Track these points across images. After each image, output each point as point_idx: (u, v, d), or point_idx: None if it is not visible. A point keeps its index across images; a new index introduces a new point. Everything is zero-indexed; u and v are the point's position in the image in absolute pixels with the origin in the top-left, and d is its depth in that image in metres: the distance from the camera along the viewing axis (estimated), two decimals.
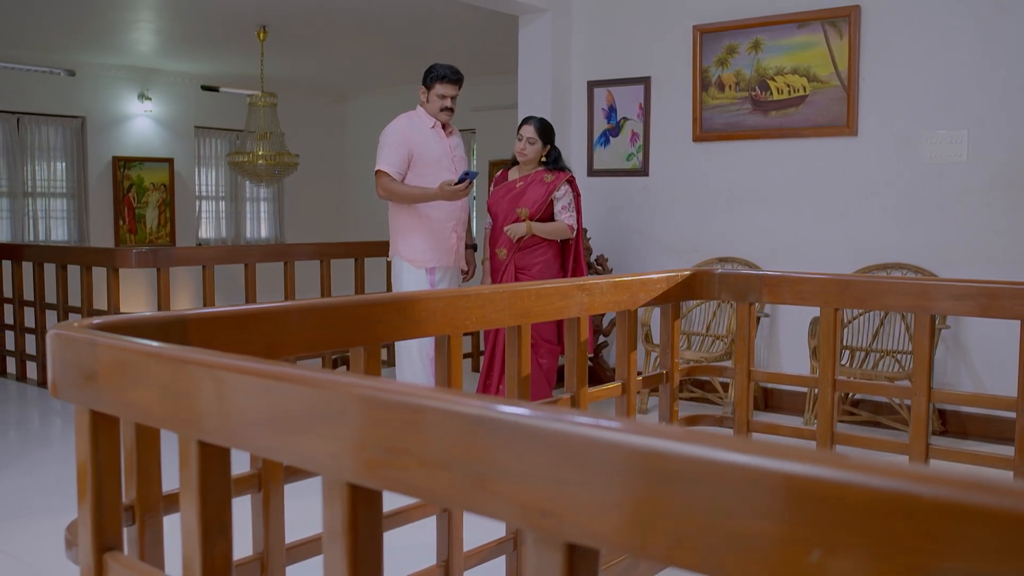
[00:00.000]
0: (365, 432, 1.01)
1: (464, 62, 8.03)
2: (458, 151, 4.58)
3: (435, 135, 4.44)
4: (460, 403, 0.93)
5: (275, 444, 1.14)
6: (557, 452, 0.85)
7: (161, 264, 5.26)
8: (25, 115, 8.99)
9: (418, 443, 0.97)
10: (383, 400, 1.00)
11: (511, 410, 0.89)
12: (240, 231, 10.97)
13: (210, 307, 3.18)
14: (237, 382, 1.19)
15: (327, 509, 1.07)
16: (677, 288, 3.18)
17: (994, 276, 4.45)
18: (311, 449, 1.08)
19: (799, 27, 5.01)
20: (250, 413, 1.18)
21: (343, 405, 1.03)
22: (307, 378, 1.08)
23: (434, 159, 4.38)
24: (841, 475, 0.72)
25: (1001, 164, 4.51)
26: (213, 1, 6.87)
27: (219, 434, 1.23)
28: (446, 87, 4.40)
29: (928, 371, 2.87)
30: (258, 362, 1.19)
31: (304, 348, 2.01)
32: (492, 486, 0.89)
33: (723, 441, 0.80)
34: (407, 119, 4.44)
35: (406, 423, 0.97)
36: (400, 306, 2.20)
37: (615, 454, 0.82)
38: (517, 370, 2.55)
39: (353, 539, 1.05)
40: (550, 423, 0.86)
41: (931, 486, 0.66)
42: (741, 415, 3.25)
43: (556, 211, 4.55)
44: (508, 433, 0.88)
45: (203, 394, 1.23)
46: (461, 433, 0.92)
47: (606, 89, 5.81)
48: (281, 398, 1.10)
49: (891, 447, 3.02)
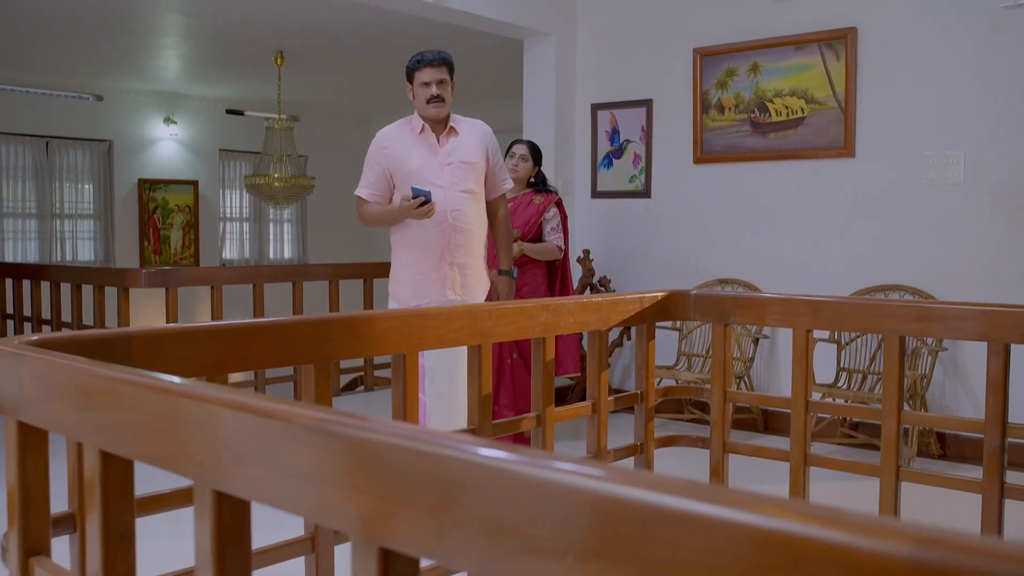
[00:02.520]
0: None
1: (471, 87, 8.14)
2: (460, 155, 3.59)
3: (421, 142, 3.57)
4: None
5: (151, 450, 1.20)
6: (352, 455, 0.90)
7: (170, 284, 5.39)
8: (54, 139, 9.25)
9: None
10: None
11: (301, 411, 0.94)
12: (264, 252, 11.15)
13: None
14: (134, 393, 1.25)
15: None
16: (652, 309, 3.20)
17: (995, 297, 4.41)
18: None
19: (796, 49, 5.03)
20: (144, 422, 1.24)
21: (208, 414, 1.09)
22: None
23: (411, 171, 3.53)
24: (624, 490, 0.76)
25: (999, 184, 4.49)
26: (231, 28, 7.05)
27: (119, 444, 1.29)
28: (426, 71, 3.54)
29: (898, 393, 2.86)
30: (151, 376, 1.25)
31: (253, 365, 2.08)
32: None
33: (511, 453, 0.84)
34: (393, 127, 3.66)
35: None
36: (352, 324, 2.26)
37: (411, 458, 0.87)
38: (477, 389, 2.59)
39: None
40: (342, 428, 0.91)
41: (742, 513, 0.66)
42: (717, 436, 3.26)
43: (545, 232, 4.62)
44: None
45: (104, 405, 1.30)
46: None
47: (609, 112, 5.86)
48: (155, 405, 1.16)
49: (862, 469, 3.01)
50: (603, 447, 3.05)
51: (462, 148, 3.60)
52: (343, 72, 8.72)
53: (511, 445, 0.86)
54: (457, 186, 3.55)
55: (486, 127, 3.73)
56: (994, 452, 2.73)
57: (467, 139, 3.62)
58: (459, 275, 3.58)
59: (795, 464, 3.07)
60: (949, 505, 2.96)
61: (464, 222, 3.57)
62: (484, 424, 2.61)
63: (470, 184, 3.60)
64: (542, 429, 2.81)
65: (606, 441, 3.07)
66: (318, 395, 2.17)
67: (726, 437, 3.26)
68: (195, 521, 1.13)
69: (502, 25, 5.62)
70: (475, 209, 3.63)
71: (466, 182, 3.58)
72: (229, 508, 1.12)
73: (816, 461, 3.07)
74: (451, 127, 3.61)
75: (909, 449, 4.29)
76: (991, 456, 2.73)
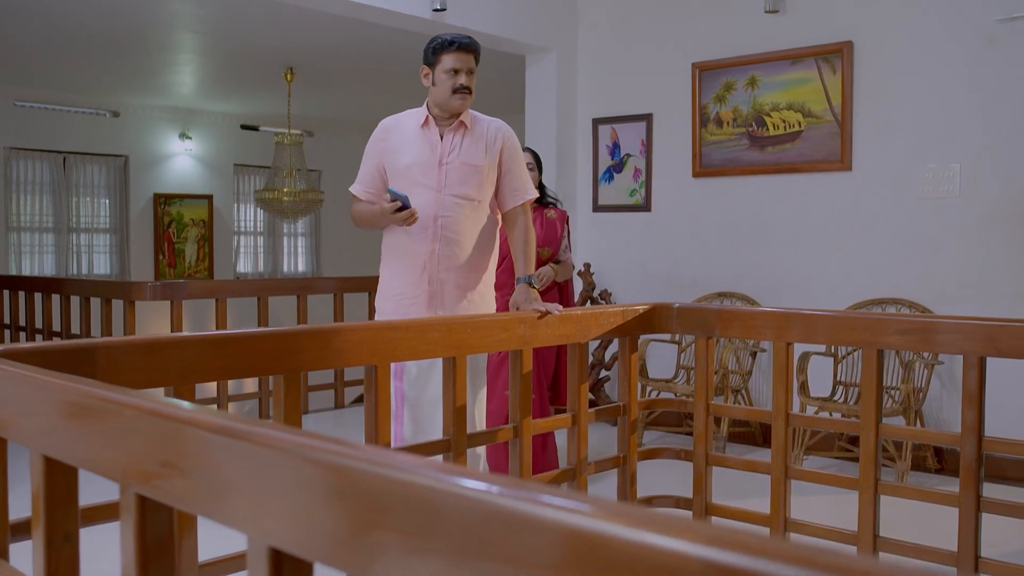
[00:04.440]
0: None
1: (474, 102, 8.23)
2: (462, 155, 3.09)
3: (422, 136, 3.10)
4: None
5: (91, 457, 1.24)
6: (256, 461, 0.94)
7: (174, 297, 5.47)
8: (71, 154, 9.42)
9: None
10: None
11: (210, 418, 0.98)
12: (277, 265, 11.26)
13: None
14: (75, 400, 1.30)
15: None
16: (634, 322, 3.23)
17: (993, 311, 4.39)
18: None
19: (793, 63, 5.05)
20: (87, 436, 1.29)
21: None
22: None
23: (402, 168, 3.08)
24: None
25: (994, 197, 4.47)
26: (242, 45, 7.17)
27: (63, 451, 1.34)
28: (457, 57, 3.04)
29: (876, 406, 2.87)
30: (89, 384, 1.30)
31: (220, 376, 2.13)
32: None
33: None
34: (398, 117, 3.22)
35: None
36: (322, 336, 2.30)
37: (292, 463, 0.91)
38: (452, 400, 2.63)
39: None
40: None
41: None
42: (701, 449, 3.28)
43: (560, 249, 4.21)
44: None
45: (46, 412, 1.35)
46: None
47: (610, 126, 5.90)
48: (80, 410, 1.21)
49: (842, 482, 3.01)
50: (583, 459, 3.08)
51: (467, 147, 3.09)
52: (352, 87, 8.83)
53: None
54: (451, 189, 3.04)
55: (506, 127, 3.21)
56: (970, 465, 2.73)
57: (477, 138, 3.11)
58: (447, 293, 3.05)
59: (776, 477, 3.08)
60: (943, 519, 2.95)
61: (454, 231, 3.04)
62: (459, 436, 2.64)
63: (468, 189, 3.06)
64: (520, 440, 2.84)
65: (586, 453, 3.09)
66: (287, 406, 2.21)
67: (709, 450, 3.27)
68: (121, 527, 1.17)
69: (504, 41, 5.68)
70: (471, 218, 3.09)
71: (463, 186, 3.05)
72: (153, 514, 1.16)
73: (797, 474, 3.07)
74: (461, 121, 3.10)
75: (903, 463, 4.27)
76: (967, 469, 2.73)
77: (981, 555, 2.72)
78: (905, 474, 4.26)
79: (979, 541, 2.71)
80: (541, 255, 4.00)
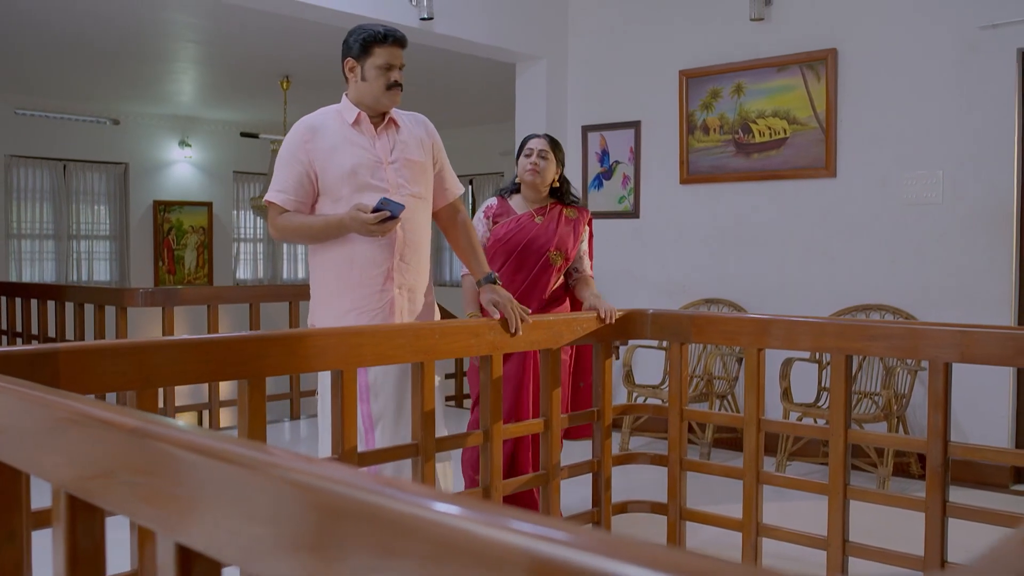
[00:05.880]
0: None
1: (465, 109, 8.28)
2: (404, 152, 2.88)
3: (355, 135, 2.83)
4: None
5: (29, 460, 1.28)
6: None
7: (166, 304, 5.52)
8: (72, 162, 9.50)
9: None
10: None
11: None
12: (277, 272, 11.32)
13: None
14: (21, 404, 1.34)
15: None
16: (608, 328, 3.26)
17: (976, 317, 4.41)
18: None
19: (778, 71, 5.08)
20: (29, 433, 1.32)
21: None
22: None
23: (344, 173, 2.78)
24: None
25: (977, 204, 4.49)
26: (240, 54, 7.23)
27: (5, 452, 1.38)
28: (391, 52, 2.84)
29: (845, 411, 2.89)
30: (27, 386, 1.34)
31: (183, 380, 2.16)
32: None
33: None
34: (318, 116, 2.91)
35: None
36: (287, 342, 2.33)
37: None
38: (420, 405, 2.66)
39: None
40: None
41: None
42: (675, 454, 3.30)
43: (580, 254, 3.59)
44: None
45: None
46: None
47: (599, 133, 5.93)
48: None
49: (812, 487, 3.03)
50: (556, 464, 3.10)
51: (405, 144, 2.89)
52: None
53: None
54: (405, 189, 2.83)
55: (426, 119, 3.02)
56: (936, 470, 2.74)
57: (409, 134, 2.92)
58: (408, 301, 2.84)
59: (748, 482, 3.10)
60: (922, 524, 2.97)
61: (416, 234, 2.86)
62: (428, 440, 2.67)
63: (419, 187, 2.89)
64: (490, 445, 2.87)
65: (559, 459, 3.12)
66: (252, 410, 2.24)
67: (684, 455, 3.29)
68: (53, 533, 1.21)
69: (494, 50, 5.72)
70: (425, 219, 2.93)
71: (415, 184, 2.87)
72: (84, 519, 1.19)
73: (768, 479, 3.09)
74: (391, 118, 2.89)
75: (884, 469, 4.28)
76: (934, 474, 2.75)
77: (948, 559, 2.73)
78: (887, 480, 4.27)
79: (945, 545, 2.73)
80: (552, 260, 3.43)
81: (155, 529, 1.00)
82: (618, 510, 3.39)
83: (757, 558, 3.07)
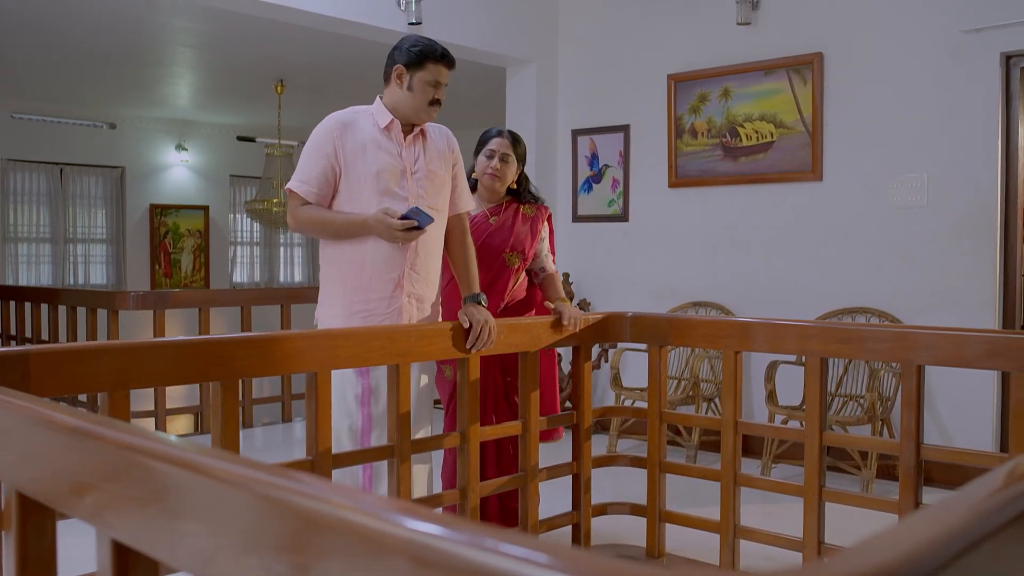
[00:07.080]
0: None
1: (454, 113, 8.27)
2: (428, 164, 2.92)
3: (384, 140, 2.85)
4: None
5: None
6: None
7: (157, 307, 5.55)
8: (68, 165, 9.54)
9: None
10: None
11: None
12: (274, 275, 11.35)
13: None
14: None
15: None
16: (587, 331, 3.28)
17: (961, 320, 4.43)
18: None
19: (765, 75, 5.10)
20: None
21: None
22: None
23: (369, 175, 2.80)
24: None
25: (963, 207, 4.51)
26: (235, 58, 7.27)
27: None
28: (442, 70, 2.89)
29: (820, 414, 2.90)
30: None
31: (154, 382, 2.19)
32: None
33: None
34: (351, 113, 2.92)
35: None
36: (260, 344, 2.36)
37: None
38: (396, 407, 2.68)
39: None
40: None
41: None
42: (653, 457, 3.32)
43: (540, 254, 3.42)
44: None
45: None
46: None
47: (589, 137, 5.96)
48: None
49: (788, 489, 3.05)
50: (534, 466, 3.12)
51: (429, 157, 2.92)
52: (341, 99, 8.89)
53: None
54: (425, 200, 2.87)
55: (449, 132, 3.08)
56: (910, 472, 2.76)
57: (435, 147, 2.95)
58: (416, 311, 2.87)
59: (725, 483, 3.12)
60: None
61: (430, 246, 2.89)
62: (403, 443, 2.69)
63: (437, 200, 2.92)
64: (467, 447, 2.89)
65: (537, 460, 3.13)
66: (224, 412, 2.27)
67: (663, 457, 3.31)
68: (3, 536, 1.23)
69: (485, 54, 5.74)
70: (440, 231, 2.97)
71: (434, 197, 2.90)
72: (35, 520, 1.21)
73: (745, 481, 3.11)
74: (422, 130, 2.93)
75: (868, 472, 4.29)
76: (907, 475, 2.77)
77: None
78: (871, 482, 4.29)
79: None
80: (508, 261, 3.29)
81: (95, 525, 1.02)
82: (598, 512, 3.40)
83: (735, 560, 3.09)
